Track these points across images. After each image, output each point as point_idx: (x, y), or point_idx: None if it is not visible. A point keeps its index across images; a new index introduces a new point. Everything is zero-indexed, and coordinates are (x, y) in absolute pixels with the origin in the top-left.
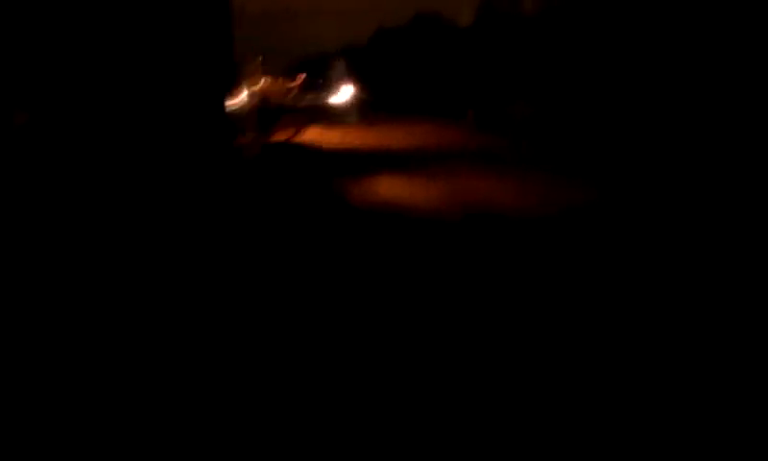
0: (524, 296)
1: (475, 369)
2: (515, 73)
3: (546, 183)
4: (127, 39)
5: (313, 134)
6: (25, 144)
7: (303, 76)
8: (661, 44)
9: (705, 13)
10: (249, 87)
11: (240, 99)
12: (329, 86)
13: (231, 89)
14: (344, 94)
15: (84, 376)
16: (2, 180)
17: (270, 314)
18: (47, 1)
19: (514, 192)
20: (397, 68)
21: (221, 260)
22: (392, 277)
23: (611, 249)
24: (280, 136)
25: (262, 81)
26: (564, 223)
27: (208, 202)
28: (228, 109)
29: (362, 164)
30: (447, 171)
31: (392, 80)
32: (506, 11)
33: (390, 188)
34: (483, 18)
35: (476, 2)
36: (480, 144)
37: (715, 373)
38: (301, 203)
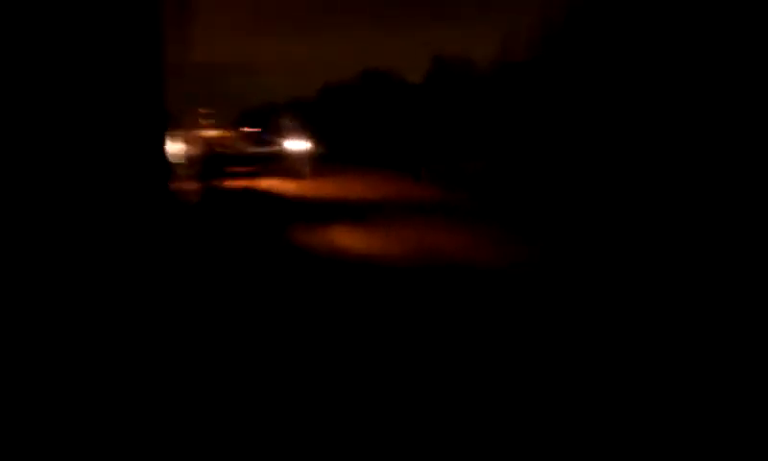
0: (465, 343)
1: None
2: (466, 129)
3: (495, 237)
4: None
5: (264, 183)
6: None
7: (252, 128)
8: (608, 102)
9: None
10: (190, 135)
11: (179, 146)
12: (278, 138)
13: (166, 136)
14: (293, 146)
15: None
16: None
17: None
18: None
19: (463, 243)
20: (347, 122)
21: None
22: (338, 321)
23: (550, 300)
24: (226, 184)
25: (207, 130)
26: (510, 273)
27: (141, 243)
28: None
29: (315, 213)
30: (399, 222)
31: (342, 134)
32: (458, 68)
33: (343, 237)
34: (434, 75)
35: (427, 59)
36: (431, 197)
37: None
38: (249, 248)
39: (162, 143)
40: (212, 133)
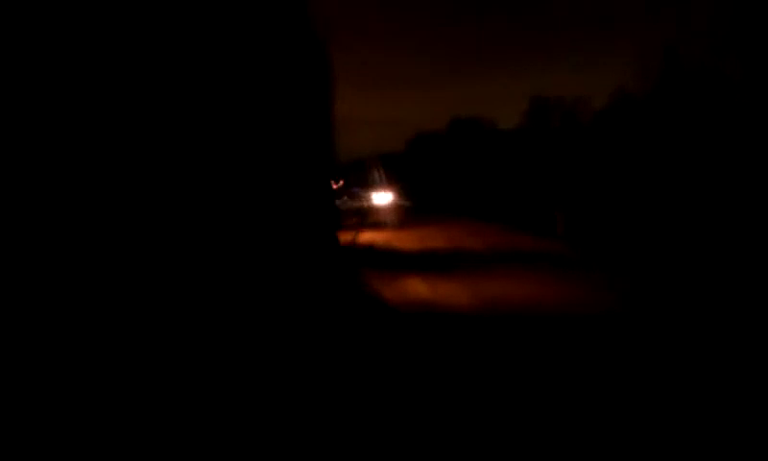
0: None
1: None
2: (564, 176)
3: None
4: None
5: (364, 237)
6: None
7: (341, 182)
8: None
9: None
10: None
11: None
12: (368, 191)
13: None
14: (383, 199)
15: None
16: None
17: None
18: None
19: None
20: (436, 173)
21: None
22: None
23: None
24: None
25: None
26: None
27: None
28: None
29: (409, 263)
30: (500, 272)
31: (431, 184)
32: (558, 112)
33: (437, 288)
34: (531, 118)
35: (521, 105)
36: (535, 248)
37: None
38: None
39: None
40: None
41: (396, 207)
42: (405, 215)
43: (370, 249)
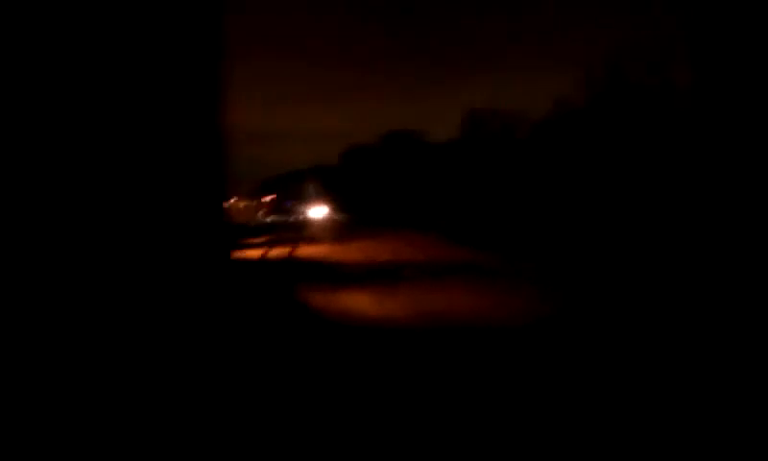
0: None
1: None
2: (495, 185)
3: (518, 295)
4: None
5: (281, 251)
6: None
7: (273, 196)
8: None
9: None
10: None
11: None
12: (301, 205)
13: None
14: (314, 212)
15: None
16: None
17: None
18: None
19: (483, 303)
20: (370, 185)
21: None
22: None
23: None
24: (244, 254)
25: (229, 200)
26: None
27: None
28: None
29: (331, 277)
30: (438, 281)
31: (365, 197)
32: (495, 130)
33: (366, 301)
34: (467, 135)
35: (456, 119)
36: (457, 257)
37: None
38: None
39: (221, 209)
40: (231, 201)
41: (331, 221)
42: (341, 228)
43: (308, 263)
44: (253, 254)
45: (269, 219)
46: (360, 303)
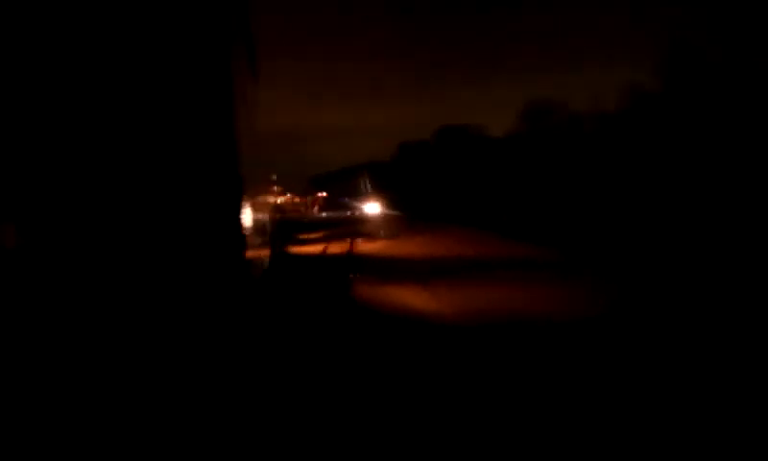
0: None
1: None
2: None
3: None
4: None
5: (339, 248)
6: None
7: (325, 194)
8: None
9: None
10: (260, 202)
11: (248, 213)
12: (353, 201)
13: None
14: (368, 208)
15: None
16: None
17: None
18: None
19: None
20: (425, 181)
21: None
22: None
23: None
24: (298, 249)
25: (277, 196)
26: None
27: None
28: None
29: (403, 272)
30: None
31: (419, 193)
32: (560, 123)
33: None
34: (526, 127)
35: (514, 113)
36: (516, 254)
37: None
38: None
39: (238, 211)
40: (283, 198)
41: (385, 217)
42: (395, 225)
43: (365, 259)
44: (309, 248)
45: (323, 214)
46: (412, 298)
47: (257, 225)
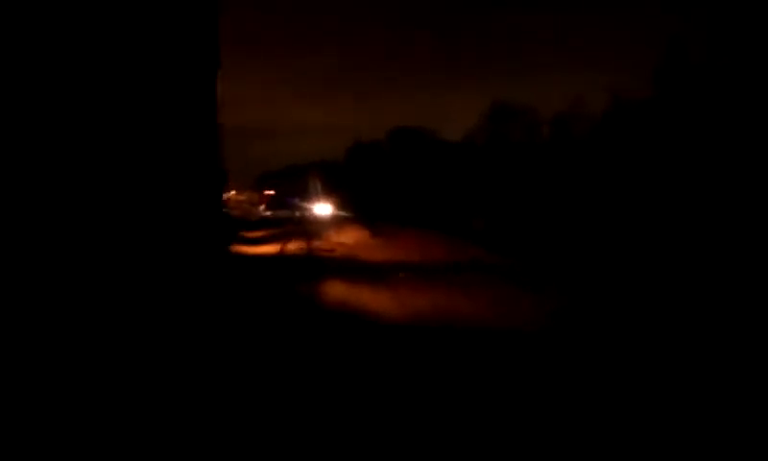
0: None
1: None
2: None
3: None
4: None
5: (286, 247)
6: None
7: (273, 191)
8: None
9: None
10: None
11: None
12: (304, 201)
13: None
14: (321, 209)
15: None
16: None
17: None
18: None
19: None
20: (376, 183)
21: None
22: None
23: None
24: (242, 249)
25: (227, 193)
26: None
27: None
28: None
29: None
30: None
31: (370, 194)
32: (518, 137)
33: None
34: (491, 132)
35: (469, 118)
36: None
37: None
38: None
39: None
40: (228, 195)
41: (334, 218)
42: (340, 224)
43: (302, 259)
44: (255, 248)
45: (269, 213)
46: (360, 297)
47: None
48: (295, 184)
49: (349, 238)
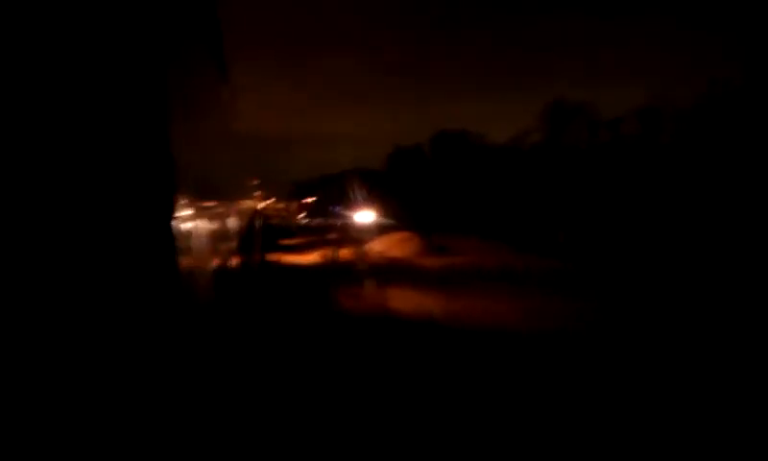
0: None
1: None
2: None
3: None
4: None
5: (319, 257)
6: None
7: (313, 199)
8: None
9: None
10: (239, 208)
11: (229, 219)
12: (345, 209)
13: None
14: (363, 217)
15: None
16: None
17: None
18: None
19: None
20: (419, 189)
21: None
22: None
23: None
24: (279, 258)
25: (259, 201)
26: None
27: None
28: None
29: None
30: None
31: (413, 201)
32: (573, 140)
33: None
34: (549, 132)
35: (516, 121)
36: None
37: None
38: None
39: (167, 212)
40: (266, 203)
41: (371, 225)
42: (382, 234)
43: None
44: (294, 257)
45: (309, 221)
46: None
47: (238, 231)
48: (333, 192)
49: (401, 249)
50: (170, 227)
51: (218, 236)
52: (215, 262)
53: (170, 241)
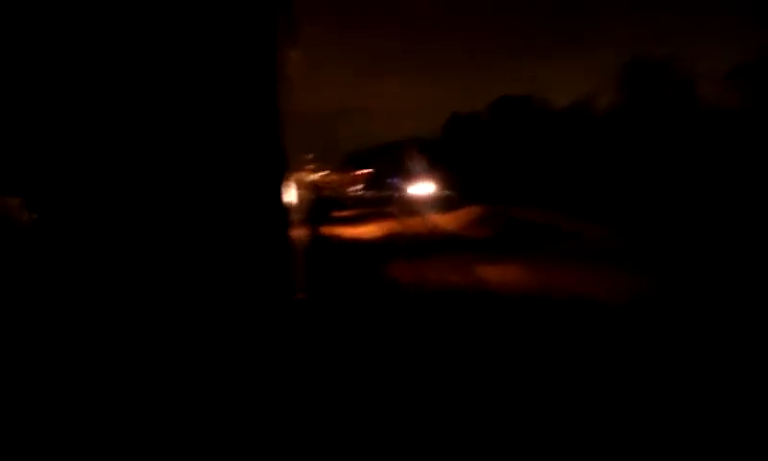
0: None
1: None
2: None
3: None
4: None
5: (379, 229)
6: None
7: (369, 170)
8: None
9: None
10: (298, 180)
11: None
12: (403, 180)
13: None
14: (421, 188)
15: None
16: None
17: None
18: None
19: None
20: (480, 159)
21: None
22: None
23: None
24: (335, 231)
25: (314, 174)
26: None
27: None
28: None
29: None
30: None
31: (474, 171)
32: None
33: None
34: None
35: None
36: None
37: None
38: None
39: (279, 188)
40: (318, 175)
41: (429, 197)
42: (441, 206)
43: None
44: (350, 230)
45: (366, 193)
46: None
47: (299, 204)
48: (389, 163)
49: (470, 227)
50: (282, 203)
51: (294, 209)
52: (303, 235)
53: (284, 215)
